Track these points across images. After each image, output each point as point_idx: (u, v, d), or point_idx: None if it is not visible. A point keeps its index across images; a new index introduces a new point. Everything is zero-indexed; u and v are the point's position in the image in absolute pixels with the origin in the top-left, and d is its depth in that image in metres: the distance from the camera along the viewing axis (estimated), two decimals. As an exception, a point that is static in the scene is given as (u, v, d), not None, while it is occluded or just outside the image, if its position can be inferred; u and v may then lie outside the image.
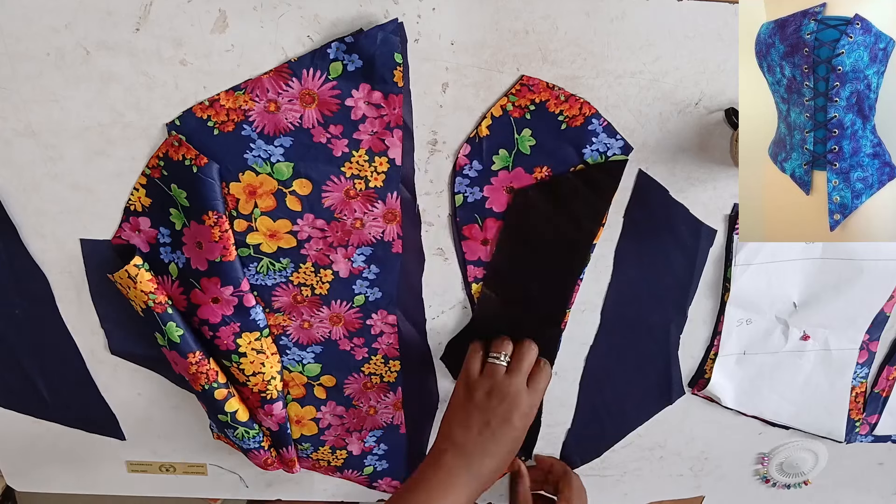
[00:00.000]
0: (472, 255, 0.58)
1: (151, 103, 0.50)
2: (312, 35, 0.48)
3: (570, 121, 0.51)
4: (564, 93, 0.50)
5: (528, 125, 0.52)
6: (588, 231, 0.56)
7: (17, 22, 0.47)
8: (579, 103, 0.51)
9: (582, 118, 0.51)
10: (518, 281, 0.58)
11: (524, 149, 0.53)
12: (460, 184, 0.54)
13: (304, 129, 0.50)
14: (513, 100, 0.51)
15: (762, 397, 0.67)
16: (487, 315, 0.60)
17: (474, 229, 0.57)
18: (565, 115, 0.51)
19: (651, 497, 0.76)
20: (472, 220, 0.56)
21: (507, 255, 0.57)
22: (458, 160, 0.53)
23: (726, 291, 0.61)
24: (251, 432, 0.64)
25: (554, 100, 0.51)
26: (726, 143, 0.53)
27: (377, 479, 0.73)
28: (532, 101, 0.51)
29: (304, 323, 0.60)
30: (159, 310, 0.56)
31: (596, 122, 0.52)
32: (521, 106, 0.51)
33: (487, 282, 0.59)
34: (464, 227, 0.56)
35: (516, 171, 0.54)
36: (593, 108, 0.51)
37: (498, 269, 0.58)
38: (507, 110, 0.51)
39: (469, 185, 0.54)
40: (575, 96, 0.51)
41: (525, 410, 0.55)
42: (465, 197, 0.55)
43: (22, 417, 0.69)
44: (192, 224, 0.54)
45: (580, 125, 0.52)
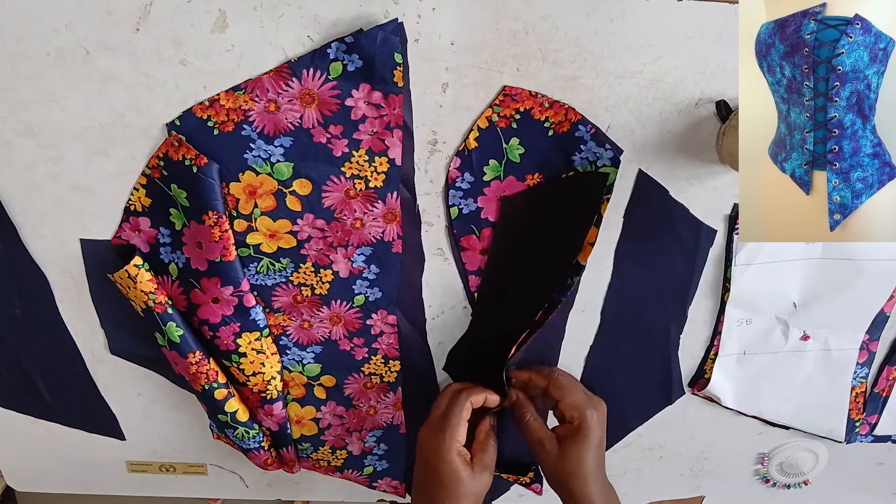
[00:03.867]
0: (472, 265, 0.58)
1: (151, 103, 0.50)
2: (312, 35, 0.48)
3: (556, 127, 0.52)
4: (548, 99, 0.51)
5: (515, 134, 0.52)
6: (570, 245, 0.55)
7: (17, 22, 0.47)
8: (564, 109, 0.51)
9: (568, 124, 0.52)
10: (509, 287, 0.59)
11: (514, 157, 0.53)
12: (454, 196, 0.55)
13: (304, 129, 0.51)
14: (497, 110, 0.51)
15: (762, 397, 0.67)
16: (484, 322, 0.60)
17: (472, 239, 0.57)
18: (551, 121, 0.52)
19: (651, 497, 0.76)
20: (469, 231, 0.56)
21: (498, 262, 0.58)
22: (450, 173, 0.54)
23: (726, 291, 0.61)
24: (251, 432, 0.64)
25: (538, 107, 0.51)
26: (726, 143, 0.53)
27: (377, 479, 0.73)
28: (517, 110, 0.51)
29: (304, 323, 0.60)
30: (159, 310, 0.56)
31: (583, 128, 0.52)
32: (507, 116, 0.51)
33: (482, 289, 0.59)
34: (461, 239, 0.57)
35: (508, 180, 0.54)
36: (579, 114, 0.51)
37: (489, 275, 0.58)
38: (493, 121, 0.51)
39: (463, 197, 0.55)
40: (559, 102, 0.51)
41: (436, 441, 0.54)
42: (459, 209, 0.55)
43: (22, 417, 0.69)
44: (192, 224, 0.54)
45: (567, 131, 0.52)
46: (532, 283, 0.58)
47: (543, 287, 0.57)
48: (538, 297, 0.57)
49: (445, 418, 0.55)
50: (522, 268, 0.57)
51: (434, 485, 0.53)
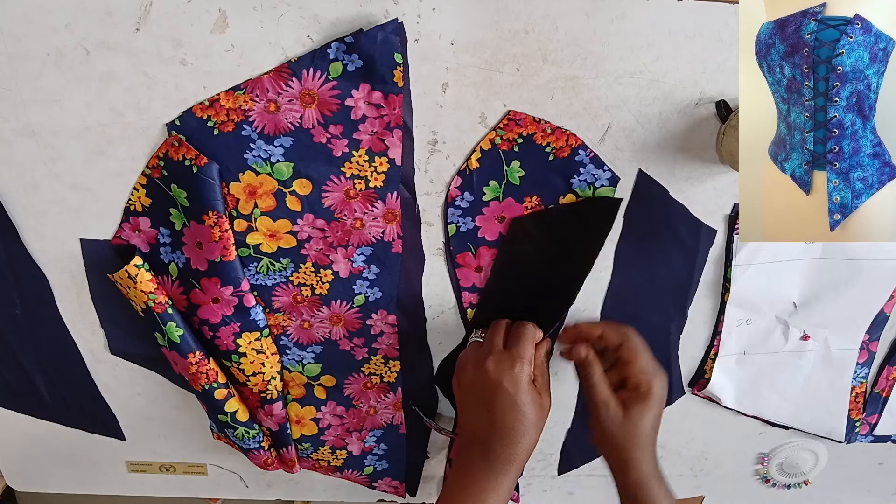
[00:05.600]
0: (466, 282, 0.59)
1: (151, 103, 0.50)
2: (312, 35, 0.48)
3: (557, 152, 0.53)
4: (550, 126, 0.51)
5: (516, 157, 0.53)
6: (577, 267, 0.57)
7: (17, 22, 0.47)
8: (565, 135, 0.52)
9: (569, 149, 0.53)
10: (509, 307, 0.59)
11: (513, 180, 0.54)
12: (452, 214, 0.55)
13: (304, 129, 0.50)
14: (501, 133, 0.52)
15: (762, 397, 0.67)
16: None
17: (468, 257, 0.57)
18: (552, 146, 0.52)
19: (651, 497, 0.76)
20: (466, 249, 0.57)
21: (500, 282, 0.58)
22: (450, 192, 0.54)
23: (726, 291, 0.61)
24: (251, 432, 0.64)
25: (541, 132, 0.52)
26: (726, 143, 0.53)
27: (377, 479, 0.73)
28: (520, 135, 0.52)
29: (304, 323, 0.60)
30: (159, 310, 0.56)
31: (583, 153, 0.53)
32: (509, 139, 0.52)
33: (481, 306, 0.60)
34: (457, 256, 0.57)
35: (507, 201, 0.55)
36: (579, 140, 0.52)
37: (490, 294, 0.59)
38: (496, 143, 0.52)
39: (461, 216, 0.55)
40: (561, 129, 0.52)
41: (514, 372, 0.52)
42: (457, 227, 0.56)
43: (22, 417, 0.69)
44: (192, 224, 0.54)
45: (567, 156, 0.53)
46: (535, 302, 0.59)
47: (548, 306, 0.59)
48: (542, 315, 0.58)
49: (519, 347, 0.54)
50: (526, 286, 0.58)
51: (510, 413, 0.52)
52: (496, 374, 0.53)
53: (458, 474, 0.54)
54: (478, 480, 0.52)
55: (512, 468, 0.52)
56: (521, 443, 0.52)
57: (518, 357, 0.53)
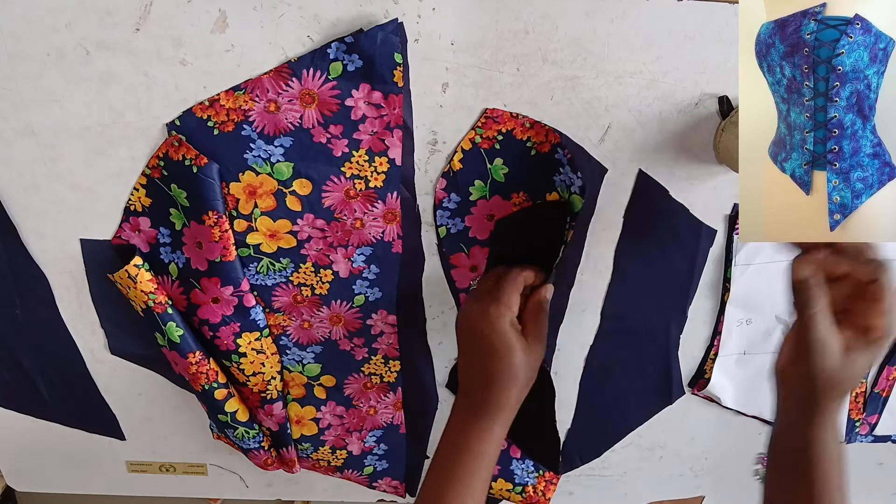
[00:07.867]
0: (462, 283, 0.59)
1: (151, 103, 0.50)
2: (312, 35, 0.48)
3: (538, 146, 0.53)
4: (529, 120, 0.51)
5: (498, 154, 0.53)
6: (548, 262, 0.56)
7: (17, 22, 0.47)
8: (545, 130, 0.52)
9: (549, 145, 0.52)
10: None
11: (498, 177, 0.54)
12: (441, 216, 0.55)
13: (304, 129, 0.51)
14: (480, 132, 0.52)
15: (762, 397, 0.67)
16: None
17: (461, 258, 0.57)
18: (533, 140, 0.52)
19: (651, 497, 0.76)
20: (458, 250, 0.57)
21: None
22: (437, 194, 0.54)
23: (726, 291, 0.61)
24: (251, 432, 0.64)
25: (519, 128, 0.52)
26: (726, 143, 0.53)
27: (377, 479, 0.73)
28: (499, 132, 0.52)
29: (304, 323, 0.60)
30: (159, 310, 0.56)
31: (560, 151, 0.52)
32: (489, 137, 0.52)
33: None
34: (451, 257, 0.57)
35: (494, 199, 0.55)
36: (557, 137, 0.52)
37: None
38: (476, 142, 0.52)
39: (450, 217, 0.55)
40: (539, 123, 0.51)
41: (489, 315, 0.49)
42: (447, 229, 0.56)
43: (22, 417, 0.69)
44: (192, 224, 0.54)
45: (548, 151, 0.53)
46: None
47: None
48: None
49: (498, 288, 0.51)
50: None
51: (486, 357, 0.50)
52: (473, 316, 0.51)
53: (448, 423, 0.52)
54: (460, 428, 0.51)
55: (495, 413, 0.50)
56: (502, 388, 0.50)
57: (494, 300, 0.50)
